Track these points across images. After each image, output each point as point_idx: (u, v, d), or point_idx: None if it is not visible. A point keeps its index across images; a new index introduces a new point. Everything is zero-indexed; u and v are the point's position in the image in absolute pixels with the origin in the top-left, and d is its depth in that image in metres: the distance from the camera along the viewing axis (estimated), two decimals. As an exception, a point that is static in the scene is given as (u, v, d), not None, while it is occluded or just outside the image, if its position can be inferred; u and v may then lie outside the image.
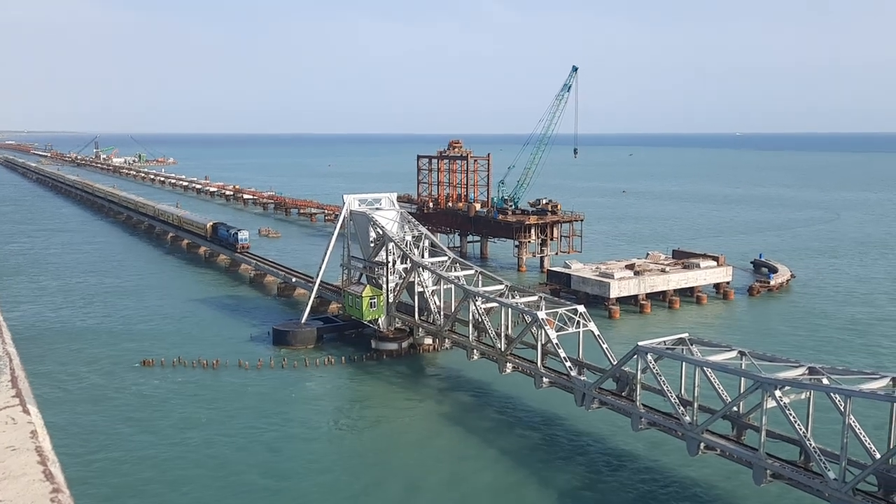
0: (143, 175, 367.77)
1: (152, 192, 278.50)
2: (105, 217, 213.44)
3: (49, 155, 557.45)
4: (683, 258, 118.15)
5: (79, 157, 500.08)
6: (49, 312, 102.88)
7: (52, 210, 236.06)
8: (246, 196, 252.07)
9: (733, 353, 53.99)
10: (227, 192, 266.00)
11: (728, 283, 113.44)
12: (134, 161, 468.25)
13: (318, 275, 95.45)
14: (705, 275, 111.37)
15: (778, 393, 45.70)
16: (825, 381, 47.79)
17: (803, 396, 48.20)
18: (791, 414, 44.96)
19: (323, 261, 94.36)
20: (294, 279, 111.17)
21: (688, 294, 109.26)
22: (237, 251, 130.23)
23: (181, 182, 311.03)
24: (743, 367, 51.57)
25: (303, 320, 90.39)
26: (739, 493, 51.29)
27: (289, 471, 55.65)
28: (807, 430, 45.20)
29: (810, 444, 44.53)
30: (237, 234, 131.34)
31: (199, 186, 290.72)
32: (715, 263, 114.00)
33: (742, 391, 49.84)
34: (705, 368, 52.12)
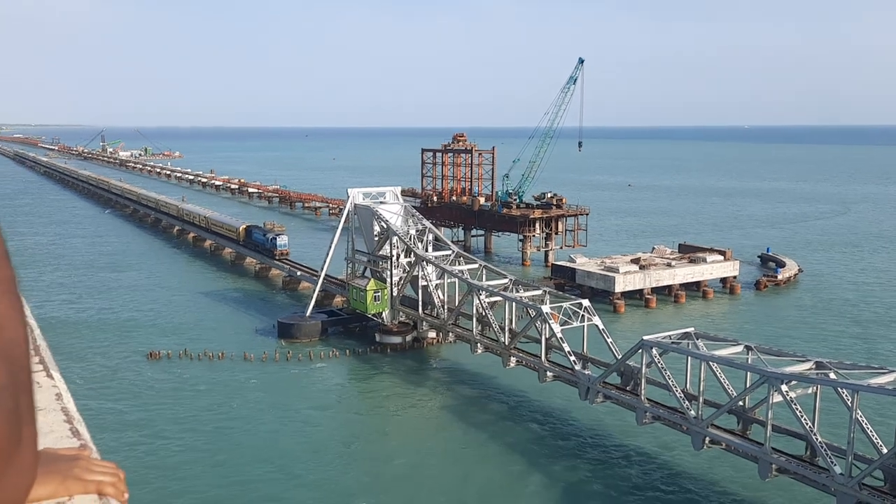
0: (148, 168, 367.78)
1: (158, 185, 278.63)
2: (116, 211, 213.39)
3: (56, 148, 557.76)
4: (689, 252, 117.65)
5: (85, 151, 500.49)
6: (58, 304, 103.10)
7: (63, 204, 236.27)
8: (251, 190, 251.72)
9: (739, 348, 53.62)
10: (233, 186, 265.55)
11: (735, 277, 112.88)
12: (140, 154, 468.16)
13: (322, 268, 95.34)
14: (712, 269, 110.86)
15: (784, 387, 45.37)
16: (832, 375, 47.38)
17: (810, 391, 47.91)
18: (797, 409, 44.63)
19: (327, 254, 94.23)
20: (299, 272, 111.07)
21: (694, 288, 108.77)
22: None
23: (187, 175, 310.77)
24: (749, 362, 51.23)
25: (307, 313, 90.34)
26: (744, 488, 51.01)
27: (292, 462, 55.57)
28: (813, 424, 44.89)
29: (816, 439, 44.20)
30: (275, 238, 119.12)
31: (204, 180, 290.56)
32: (722, 258, 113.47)
33: (748, 386, 49.51)
34: (711, 363, 51.82)
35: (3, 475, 1.23)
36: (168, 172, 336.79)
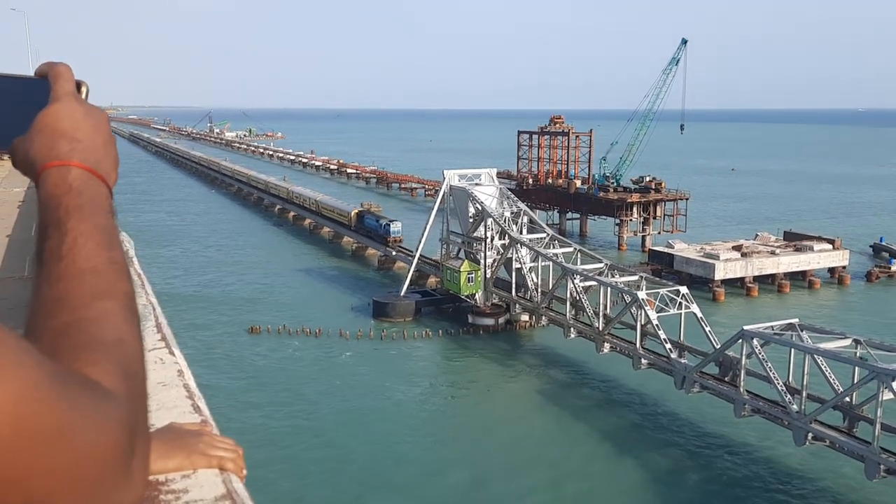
0: (252, 149, 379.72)
1: (261, 165, 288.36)
2: (221, 190, 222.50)
3: (167, 129, 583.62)
4: (795, 240, 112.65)
5: (194, 132, 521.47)
6: (169, 279, 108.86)
7: (175, 183, 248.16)
8: (349, 170, 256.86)
9: (847, 341, 51.39)
10: (332, 167, 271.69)
11: (844, 267, 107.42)
12: (245, 135, 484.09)
13: (417, 249, 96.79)
14: (819, 258, 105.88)
15: (896, 385, 43.24)
16: (950, 374, 44.75)
17: (924, 390, 45.38)
18: (910, 408, 42.46)
19: (422, 235, 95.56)
20: (394, 252, 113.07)
21: (799, 278, 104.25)
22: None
23: (288, 156, 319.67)
24: (857, 356, 49.03)
25: (402, 293, 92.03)
26: (849, 488, 48.98)
27: (382, 438, 57.14)
28: (927, 425, 42.60)
29: (930, 441, 41.95)
30: (388, 225, 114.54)
31: (305, 160, 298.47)
32: (830, 246, 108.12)
33: (856, 381, 47.40)
34: (816, 356, 49.87)
35: (118, 483, 1.29)
36: (271, 153, 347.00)
